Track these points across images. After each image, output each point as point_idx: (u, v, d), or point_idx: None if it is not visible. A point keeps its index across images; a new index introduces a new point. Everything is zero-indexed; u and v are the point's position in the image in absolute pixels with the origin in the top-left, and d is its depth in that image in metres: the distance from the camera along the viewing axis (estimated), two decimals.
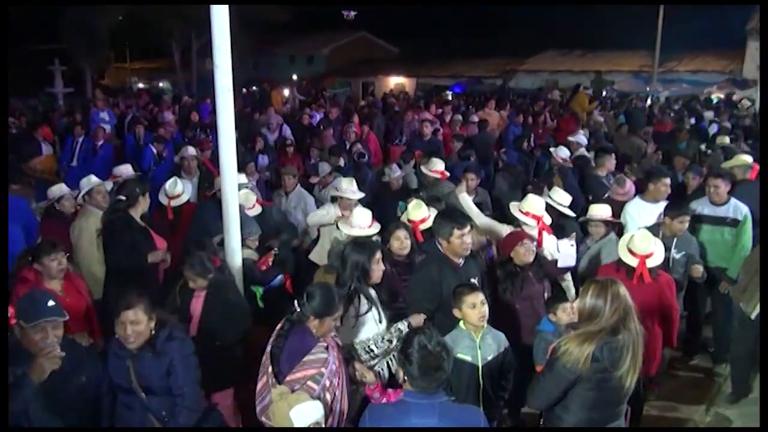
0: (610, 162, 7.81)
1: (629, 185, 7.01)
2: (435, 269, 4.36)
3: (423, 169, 7.62)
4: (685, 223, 5.57)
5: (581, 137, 9.94)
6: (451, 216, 4.48)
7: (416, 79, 32.23)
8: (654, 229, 5.39)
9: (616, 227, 5.97)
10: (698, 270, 5.47)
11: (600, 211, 5.83)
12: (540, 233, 5.39)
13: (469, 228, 4.40)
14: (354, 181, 6.42)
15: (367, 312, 3.98)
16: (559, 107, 16.83)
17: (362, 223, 5.19)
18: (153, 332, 3.52)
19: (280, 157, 10.41)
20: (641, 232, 4.85)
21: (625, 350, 3.16)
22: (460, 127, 12.54)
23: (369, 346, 3.98)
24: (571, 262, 5.08)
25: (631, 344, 3.17)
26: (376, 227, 5.19)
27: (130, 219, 5.28)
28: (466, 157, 8.87)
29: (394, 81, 32.55)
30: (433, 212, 5.62)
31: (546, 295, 4.86)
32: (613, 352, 3.16)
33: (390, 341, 4.01)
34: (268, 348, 3.55)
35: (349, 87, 31.25)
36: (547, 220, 5.51)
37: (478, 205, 6.23)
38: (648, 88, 23.74)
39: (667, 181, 6.34)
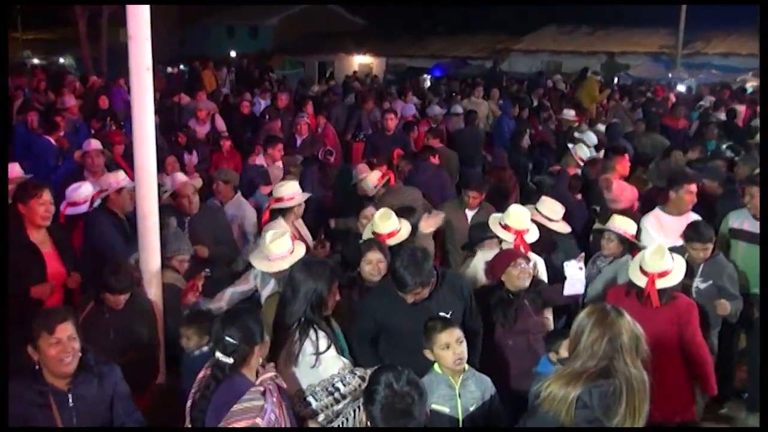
0: (622, 164, 7.94)
1: (618, 189, 7.10)
2: (381, 306, 4.39)
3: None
4: (702, 252, 5.59)
5: (590, 135, 10.13)
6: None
7: (386, 59, 32.47)
8: (679, 251, 5.45)
9: (634, 249, 5.93)
10: (725, 307, 5.44)
11: (621, 223, 5.87)
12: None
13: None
14: (296, 183, 6.43)
15: (327, 349, 4.00)
16: (560, 97, 17.11)
17: (277, 251, 4.85)
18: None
19: (213, 156, 10.36)
20: (656, 246, 4.93)
21: (620, 396, 3.15)
22: (440, 121, 12.67)
23: (334, 385, 3.98)
24: (580, 289, 5.14)
25: (627, 389, 3.16)
26: (298, 252, 4.91)
27: (19, 235, 5.16)
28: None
29: (359, 61, 32.73)
30: (406, 225, 5.66)
31: (546, 328, 4.91)
32: (605, 397, 3.14)
33: (363, 378, 4.01)
34: (189, 404, 3.56)
35: (302, 68, 31.30)
36: (531, 236, 5.56)
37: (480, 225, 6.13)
38: (670, 75, 24.27)
39: (693, 187, 6.38)
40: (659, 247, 4.89)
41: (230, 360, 3.53)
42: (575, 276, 5.07)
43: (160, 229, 4.92)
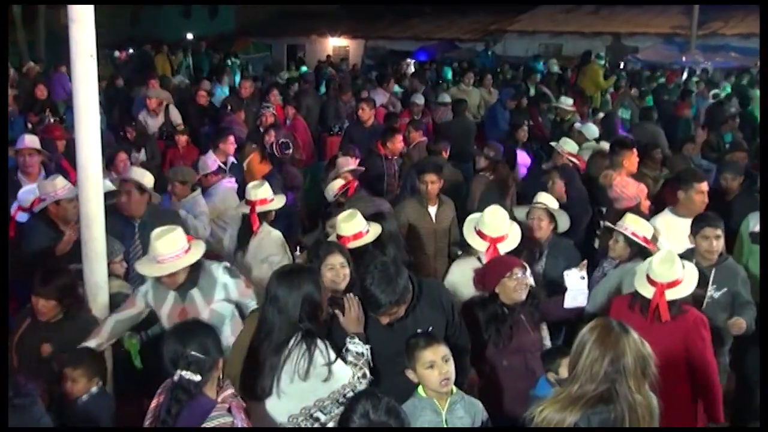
0: (630, 160, 8.02)
1: (620, 186, 7.14)
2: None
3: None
4: (714, 240, 5.61)
5: (590, 127, 10.20)
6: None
7: (364, 41, 32.48)
8: (688, 256, 5.51)
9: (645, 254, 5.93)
10: (740, 325, 5.42)
11: (632, 223, 5.86)
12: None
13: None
14: (267, 185, 6.49)
15: (336, 358, 4.06)
16: (558, 83, 17.18)
17: (166, 250, 4.68)
18: None
19: (167, 152, 10.32)
20: (664, 252, 4.98)
21: (621, 424, 3.18)
22: (423, 111, 12.73)
23: (345, 395, 4.04)
24: (582, 301, 5.16)
25: (629, 416, 3.18)
26: (195, 252, 4.81)
27: None
28: (435, 152, 8.94)
29: (334, 44, 32.70)
30: (375, 228, 5.69)
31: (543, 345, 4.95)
32: (604, 425, 3.19)
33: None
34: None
35: (269, 52, 31.24)
36: (507, 245, 5.60)
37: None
38: (684, 58, 24.44)
39: (704, 186, 6.46)
40: (668, 254, 4.93)
41: (197, 377, 3.55)
42: (577, 287, 5.09)
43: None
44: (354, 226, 5.53)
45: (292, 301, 4.04)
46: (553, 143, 9.16)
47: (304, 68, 22.82)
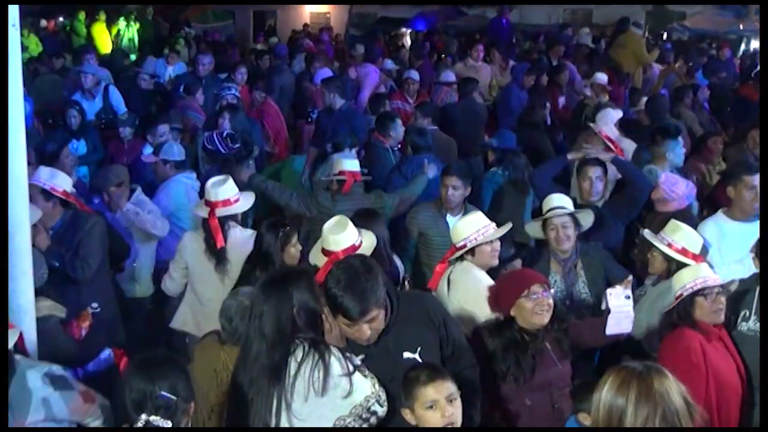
0: (674, 152, 8.05)
1: (668, 185, 7.22)
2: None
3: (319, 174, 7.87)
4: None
5: (609, 112, 10.11)
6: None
7: (349, 7, 32.45)
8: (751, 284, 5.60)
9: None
10: None
11: (673, 232, 5.91)
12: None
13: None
14: (231, 181, 6.56)
15: (355, 370, 4.12)
16: (589, 57, 17.18)
17: None
18: None
19: (108, 144, 10.32)
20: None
21: None
22: (418, 92, 12.76)
23: (370, 408, 4.12)
24: (627, 326, 5.13)
25: None
26: None
27: None
28: (418, 148, 8.82)
29: (311, 10, 32.68)
30: (369, 238, 5.72)
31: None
32: None
33: None
34: None
35: (231, 20, 31.19)
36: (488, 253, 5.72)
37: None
38: (741, 26, 24.52)
39: (755, 180, 6.49)
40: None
41: (167, 423, 3.60)
42: (621, 308, 5.07)
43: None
44: (345, 239, 5.51)
45: (281, 313, 4.11)
46: (591, 124, 9.17)
47: (274, 39, 22.79)
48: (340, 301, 4.15)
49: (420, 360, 4.33)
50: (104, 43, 18.54)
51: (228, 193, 6.46)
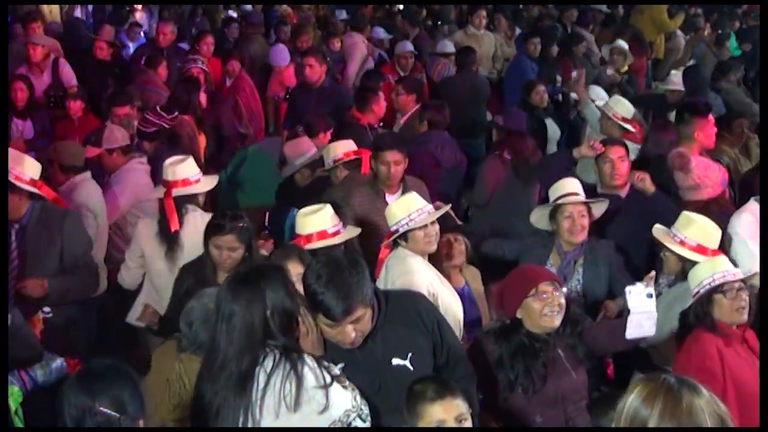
0: (705, 132, 8.04)
1: (701, 170, 7.27)
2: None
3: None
4: None
5: (596, 89, 10.12)
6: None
7: None
8: None
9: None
10: None
11: (684, 227, 5.98)
12: None
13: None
14: (191, 160, 6.63)
15: (333, 381, 4.10)
16: (605, 23, 17.11)
17: None
18: None
19: (55, 125, 10.37)
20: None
21: None
22: (414, 66, 12.76)
23: (350, 424, 4.13)
24: (650, 329, 5.06)
25: None
26: None
27: None
28: (437, 123, 8.97)
29: None
30: (352, 232, 5.92)
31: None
32: None
33: None
34: None
35: None
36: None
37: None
38: None
39: None
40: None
41: None
42: (643, 308, 4.99)
43: None
44: (315, 222, 5.67)
45: (253, 315, 4.07)
46: (598, 103, 9.20)
47: (247, 6, 22.64)
48: (321, 299, 4.16)
49: (411, 367, 4.34)
50: (53, 10, 18.32)
51: (187, 172, 6.51)
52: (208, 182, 6.71)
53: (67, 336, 6.46)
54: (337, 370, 4.20)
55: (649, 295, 5.00)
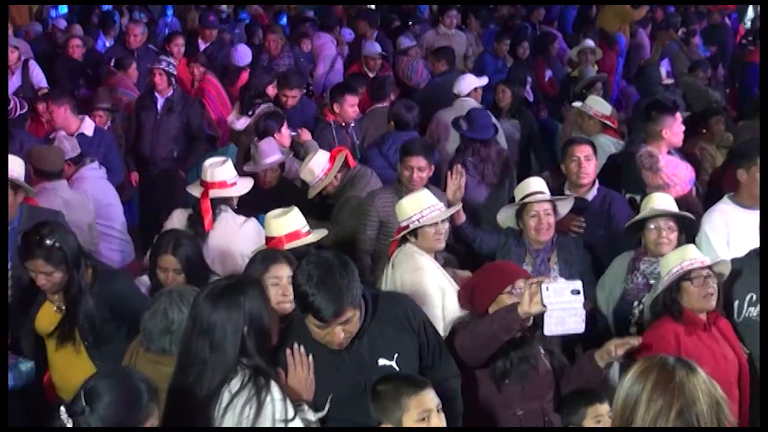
0: (673, 130, 7.96)
1: (670, 169, 7.33)
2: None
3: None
4: None
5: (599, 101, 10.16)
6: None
7: None
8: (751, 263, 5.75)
9: None
10: None
11: (659, 201, 6.21)
12: None
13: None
14: (230, 162, 6.78)
15: (295, 416, 4.08)
16: (577, 21, 17.10)
17: None
18: None
19: (29, 125, 10.28)
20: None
21: None
22: (383, 65, 12.81)
23: None
24: (576, 326, 4.59)
25: None
26: None
27: None
28: (404, 124, 8.92)
29: None
30: (319, 231, 5.98)
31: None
32: None
33: None
34: None
35: None
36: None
37: None
38: None
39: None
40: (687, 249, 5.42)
41: None
42: (564, 304, 4.54)
43: None
44: (285, 224, 5.72)
45: (232, 329, 4.07)
46: (576, 104, 9.29)
47: (223, 6, 22.56)
48: (311, 300, 4.13)
49: (397, 368, 4.34)
50: (21, 11, 18.17)
51: (224, 175, 6.64)
52: (243, 185, 6.81)
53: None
54: (311, 415, 4.19)
55: (575, 292, 4.61)
